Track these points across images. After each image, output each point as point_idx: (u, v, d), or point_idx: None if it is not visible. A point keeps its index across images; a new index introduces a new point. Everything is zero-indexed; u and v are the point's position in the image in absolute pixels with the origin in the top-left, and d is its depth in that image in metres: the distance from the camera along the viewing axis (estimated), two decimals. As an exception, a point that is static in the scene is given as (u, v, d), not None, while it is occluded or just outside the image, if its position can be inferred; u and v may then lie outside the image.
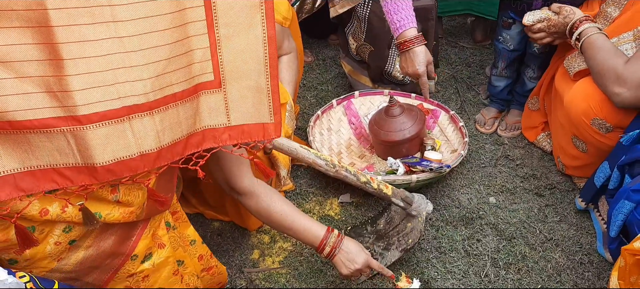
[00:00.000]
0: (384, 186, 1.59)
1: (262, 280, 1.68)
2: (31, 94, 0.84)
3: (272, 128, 1.04)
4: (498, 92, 2.30)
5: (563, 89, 1.89)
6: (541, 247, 1.78)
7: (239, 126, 1.03)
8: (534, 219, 1.89)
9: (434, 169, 1.86)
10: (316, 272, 1.70)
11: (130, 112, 0.90)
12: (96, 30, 0.85)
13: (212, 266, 1.39)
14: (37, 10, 0.81)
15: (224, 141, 1.03)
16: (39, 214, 0.95)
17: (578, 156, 1.87)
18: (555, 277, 1.68)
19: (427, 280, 1.67)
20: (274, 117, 1.04)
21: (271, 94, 1.02)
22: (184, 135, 0.99)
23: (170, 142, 0.96)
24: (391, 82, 2.33)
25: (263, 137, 1.04)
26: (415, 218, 1.61)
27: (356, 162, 2.14)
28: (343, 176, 1.53)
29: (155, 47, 0.89)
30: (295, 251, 1.77)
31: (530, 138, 2.24)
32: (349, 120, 2.27)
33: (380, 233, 1.69)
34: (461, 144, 2.08)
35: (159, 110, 0.93)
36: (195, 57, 0.95)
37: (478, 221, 1.88)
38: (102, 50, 0.86)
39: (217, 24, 0.95)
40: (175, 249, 1.23)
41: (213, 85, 0.99)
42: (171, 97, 0.94)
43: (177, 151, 0.98)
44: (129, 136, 0.91)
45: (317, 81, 2.65)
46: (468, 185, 2.03)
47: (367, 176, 1.57)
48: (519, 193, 2.00)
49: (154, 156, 0.94)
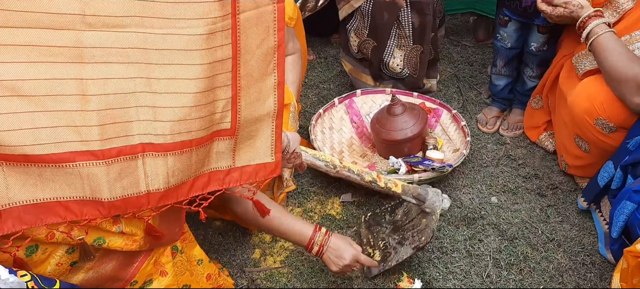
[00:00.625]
0: (392, 183, 1.54)
1: (264, 280, 1.68)
2: (52, 128, 0.86)
3: (272, 167, 1.08)
4: (499, 91, 2.30)
5: (567, 88, 1.87)
6: (543, 247, 1.78)
7: (241, 167, 1.06)
8: (536, 219, 1.88)
9: (436, 169, 1.86)
10: (318, 272, 1.70)
11: (146, 150, 0.92)
12: (128, 69, 0.88)
13: (221, 285, 1.39)
14: (75, 47, 0.84)
15: (227, 183, 1.05)
16: (46, 237, 0.95)
17: (580, 155, 1.86)
18: (557, 278, 1.68)
19: (429, 280, 1.67)
20: (275, 156, 1.07)
21: (275, 135, 1.07)
22: (192, 177, 1.00)
23: (177, 184, 0.98)
24: (390, 76, 2.32)
25: (263, 176, 1.07)
26: (429, 215, 1.54)
27: (358, 161, 2.14)
28: (345, 175, 1.49)
29: (181, 93, 0.92)
30: (297, 251, 1.77)
31: (533, 138, 2.23)
32: (351, 119, 2.26)
33: (397, 224, 1.62)
34: (463, 144, 2.07)
35: (173, 153, 0.94)
36: (217, 108, 0.98)
37: (480, 221, 1.87)
38: (128, 88, 0.88)
39: (239, 75, 0.98)
40: (182, 274, 1.22)
41: (228, 133, 1.02)
42: (188, 143, 0.96)
43: (183, 192, 1.00)
44: (140, 174, 0.92)
45: (318, 79, 2.64)
46: (470, 185, 2.02)
47: (373, 174, 1.53)
48: (521, 193, 1.99)
49: (159, 196, 0.96)
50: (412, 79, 2.30)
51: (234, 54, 0.96)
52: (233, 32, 0.94)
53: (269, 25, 0.98)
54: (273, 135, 1.06)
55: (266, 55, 1.00)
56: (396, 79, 2.34)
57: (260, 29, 0.97)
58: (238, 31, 0.95)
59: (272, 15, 0.98)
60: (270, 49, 1.00)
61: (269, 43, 1.00)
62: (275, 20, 0.99)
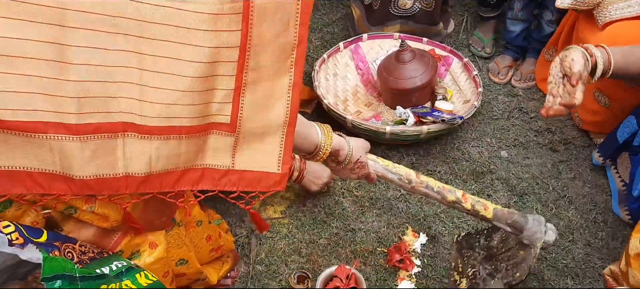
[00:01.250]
0: (481, 206, 1.28)
1: (263, 230, 1.62)
2: (23, 93, 0.77)
3: (276, 179, 0.96)
4: (513, 38, 2.17)
5: (587, 38, 1.76)
6: (554, 204, 1.71)
7: (241, 171, 0.95)
8: (547, 175, 1.81)
9: (445, 121, 1.76)
10: (319, 223, 1.64)
11: (127, 129, 0.83)
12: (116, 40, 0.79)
13: (221, 245, 1.31)
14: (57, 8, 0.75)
15: (222, 184, 0.95)
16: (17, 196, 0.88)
17: (599, 110, 1.77)
18: (567, 235, 1.62)
19: (435, 235, 1.61)
20: (282, 168, 0.96)
21: (284, 143, 0.95)
22: (181, 167, 0.91)
23: (162, 171, 0.89)
24: (400, 16, 2.17)
25: (266, 187, 0.96)
26: (527, 247, 1.27)
27: (363, 110, 2.04)
28: (422, 192, 1.27)
29: (175, 75, 0.82)
30: (298, 201, 1.70)
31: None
32: (356, 65, 2.14)
33: (491, 251, 1.37)
34: (474, 95, 1.97)
35: (158, 137, 0.85)
36: (215, 97, 0.88)
37: (489, 176, 1.80)
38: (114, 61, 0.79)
39: (247, 67, 0.88)
40: (179, 247, 1.13)
41: (227, 128, 0.92)
42: (177, 129, 0.86)
43: (168, 182, 0.90)
44: (118, 154, 0.84)
45: (322, 22, 2.50)
46: (479, 138, 1.94)
47: (458, 193, 1.27)
48: (532, 147, 1.91)
49: (139, 180, 0.87)
50: (426, 13, 2.15)
51: (243, 43, 0.85)
52: (244, 18, 0.83)
53: (290, 17, 0.87)
54: (282, 143, 0.95)
55: (283, 51, 0.89)
56: (406, 18, 2.18)
57: (279, 20, 0.86)
58: (251, 18, 0.84)
59: (295, 7, 0.87)
60: (289, 45, 0.89)
61: (288, 38, 0.88)
62: (298, 13, 0.87)
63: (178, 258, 1.13)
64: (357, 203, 1.70)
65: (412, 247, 1.57)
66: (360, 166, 1.23)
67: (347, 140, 1.21)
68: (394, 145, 1.87)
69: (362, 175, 1.26)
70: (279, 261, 1.54)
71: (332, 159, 1.19)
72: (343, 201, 1.70)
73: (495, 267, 1.34)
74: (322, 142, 1.13)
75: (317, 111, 2.01)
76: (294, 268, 1.52)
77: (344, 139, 1.20)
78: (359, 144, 1.24)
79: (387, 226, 1.63)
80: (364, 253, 1.56)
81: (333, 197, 1.71)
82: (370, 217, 1.66)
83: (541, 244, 1.25)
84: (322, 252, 1.56)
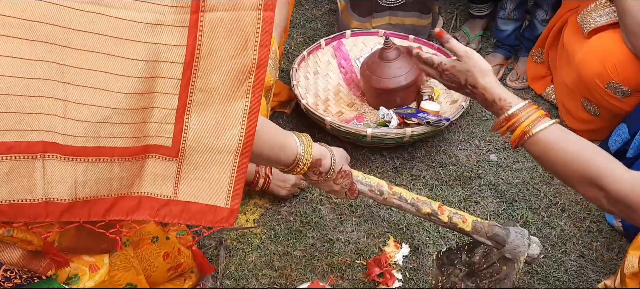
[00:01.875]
0: (459, 218, 1.19)
1: (234, 240, 1.51)
2: None
3: (225, 214, 0.87)
4: (505, 37, 2.07)
5: (573, 46, 1.68)
6: (545, 212, 1.61)
7: (184, 202, 0.85)
8: (538, 180, 1.70)
9: (431, 122, 1.65)
10: (294, 233, 1.53)
11: (47, 149, 0.73)
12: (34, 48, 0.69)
13: (181, 263, 1.18)
14: None
15: (162, 215, 0.84)
16: None
17: (589, 119, 1.69)
18: (559, 246, 1.52)
19: (418, 246, 1.50)
20: (231, 202, 0.86)
21: (235, 175, 0.85)
22: (113, 195, 0.80)
23: (90, 197, 0.78)
24: (388, 6, 2.05)
25: (211, 222, 0.86)
26: (510, 262, 1.18)
27: (345, 111, 1.93)
28: (395, 204, 1.17)
29: (105, 90, 0.72)
30: (273, 209, 1.59)
31: (538, 90, 2.03)
32: (339, 63, 2.03)
33: (473, 266, 1.28)
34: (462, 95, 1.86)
35: (85, 159, 0.75)
36: (153, 116, 0.78)
37: (477, 181, 1.69)
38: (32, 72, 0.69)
39: (193, 86, 0.78)
40: (126, 270, 1.01)
41: (168, 152, 0.81)
42: (108, 151, 0.76)
43: (98, 210, 0.80)
44: (37, 177, 0.74)
45: (305, 17, 2.38)
46: (467, 140, 1.83)
47: (434, 205, 1.18)
48: (523, 151, 1.80)
49: (62, 208, 0.76)
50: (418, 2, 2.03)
51: (188, 60, 0.75)
52: (191, 32, 0.74)
53: (249, 36, 0.78)
54: (234, 174, 0.85)
55: (239, 74, 0.80)
56: (395, 8, 2.07)
57: (235, 38, 0.78)
58: (200, 33, 0.75)
59: (255, 26, 0.78)
60: (246, 67, 0.80)
61: (245, 59, 0.79)
62: (258, 32, 0.79)
63: (126, 282, 1.01)
64: (336, 211, 1.59)
65: (394, 259, 1.46)
66: (343, 175, 1.12)
67: (329, 149, 1.10)
68: (376, 148, 1.76)
69: (345, 186, 1.14)
70: (250, 275, 1.43)
71: (313, 172, 1.07)
72: (321, 209, 1.59)
73: (477, 283, 1.25)
74: (302, 153, 1.02)
75: (296, 111, 1.90)
76: (265, 283, 1.41)
77: (326, 148, 1.09)
78: (341, 152, 1.14)
79: (367, 236, 1.52)
80: (342, 266, 1.45)
81: (310, 204, 1.60)
82: (349, 226, 1.55)
83: (524, 258, 1.15)
84: (297, 265, 1.45)
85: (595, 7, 1.62)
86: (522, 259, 1.15)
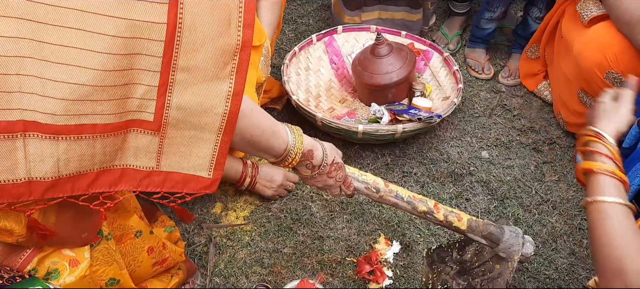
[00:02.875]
0: (454, 217, 1.18)
1: (224, 237, 1.49)
2: None
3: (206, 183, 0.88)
4: (486, 35, 2.07)
5: (572, 36, 1.67)
6: (536, 209, 1.60)
7: (167, 172, 0.86)
8: (529, 177, 1.70)
9: (422, 119, 1.64)
10: (284, 230, 1.51)
11: (28, 128, 0.72)
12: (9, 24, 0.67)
13: (167, 258, 1.16)
14: None
15: (145, 185, 0.85)
16: None
17: (584, 112, 1.67)
18: (550, 243, 1.51)
19: (409, 243, 1.49)
20: (213, 173, 0.88)
21: (218, 150, 0.86)
22: (95, 169, 0.80)
23: (73, 174, 0.78)
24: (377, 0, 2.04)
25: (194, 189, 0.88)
26: (504, 260, 1.18)
27: (336, 107, 1.91)
28: (391, 202, 1.16)
29: (83, 67, 0.71)
30: (263, 206, 1.57)
31: (530, 87, 2.02)
32: (330, 59, 2.01)
33: (465, 265, 1.28)
34: (454, 91, 1.85)
35: (67, 137, 0.74)
36: (135, 92, 0.77)
37: (468, 178, 1.69)
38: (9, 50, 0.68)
39: (175, 65, 0.77)
40: (108, 265, 0.99)
41: (150, 126, 0.81)
42: (89, 128, 0.76)
43: (81, 185, 0.80)
44: (18, 157, 0.73)
45: (296, 13, 2.36)
46: (459, 137, 1.82)
47: (429, 203, 1.17)
48: (515, 148, 1.80)
49: (45, 186, 0.76)
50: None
51: (169, 37, 0.75)
52: (171, 9, 0.73)
53: (231, 15, 0.78)
54: (216, 150, 0.86)
55: (222, 54, 0.80)
56: (385, 2, 2.05)
57: (217, 18, 0.77)
58: (181, 10, 0.74)
59: (237, 4, 0.78)
60: (230, 48, 0.80)
61: (229, 40, 0.79)
62: (241, 11, 0.79)
63: (108, 277, 0.99)
64: (327, 208, 1.58)
65: (384, 256, 1.45)
66: (336, 167, 1.10)
67: (320, 142, 1.09)
68: (367, 145, 1.75)
69: (340, 179, 1.13)
70: (239, 272, 1.41)
71: (306, 165, 1.06)
72: (311, 206, 1.58)
73: (469, 282, 1.24)
74: (292, 143, 1.01)
75: (287, 108, 1.88)
76: (254, 281, 1.39)
77: (316, 141, 1.08)
78: (332, 146, 1.13)
79: (357, 233, 1.51)
80: (332, 263, 1.44)
81: (301, 201, 1.59)
82: (340, 223, 1.54)
83: (518, 257, 1.15)
84: (287, 262, 1.44)
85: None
86: (516, 258, 1.15)
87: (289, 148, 1.01)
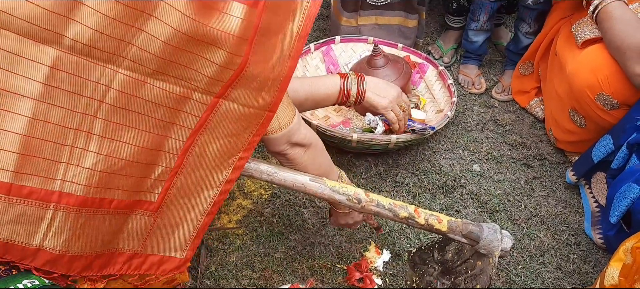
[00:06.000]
0: (434, 220, 1.21)
1: (215, 240, 1.50)
2: None
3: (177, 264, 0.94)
4: (477, 48, 2.10)
5: (566, 56, 1.70)
6: (525, 223, 1.63)
7: (146, 254, 0.91)
8: (519, 191, 1.73)
9: (416, 130, 1.67)
10: (276, 235, 1.52)
11: (61, 201, 0.75)
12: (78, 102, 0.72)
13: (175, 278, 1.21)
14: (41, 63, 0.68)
15: (124, 269, 0.89)
16: None
17: (574, 130, 1.70)
18: (538, 257, 1.54)
19: (399, 252, 1.51)
20: (186, 253, 0.94)
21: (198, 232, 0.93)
22: (93, 253, 0.83)
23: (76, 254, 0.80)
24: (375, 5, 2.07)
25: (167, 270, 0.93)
26: (485, 257, 1.22)
27: (332, 116, 1.94)
28: (373, 211, 1.19)
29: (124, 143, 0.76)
30: (256, 210, 1.59)
31: (522, 103, 2.05)
32: (327, 68, 2.04)
33: (447, 264, 1.30)
34: (448, 104, 1.88)
35: (87, 211, 0.77)
36: (152, 173, 0.82)
37: (459, 190, 1.71)
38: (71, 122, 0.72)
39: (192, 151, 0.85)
40: None
41: (150, 207, 0.86)
42: (107, 202, 0.79)
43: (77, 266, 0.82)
44: (42, 226, 0.75)
45: (295, 21, 2.39)
46: (451, 149, 1.85)
47: (410, 208, 1.19)
48: (506, 162, 1.83)
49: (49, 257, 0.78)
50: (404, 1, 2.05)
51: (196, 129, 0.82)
52: (209, 108, 0.83)
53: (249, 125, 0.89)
54: (195, 231, 0.93)
55: (230, 149, 0.89)
56: (382, 7, 2.08)
57: (237, 125, 0.88)
58: (213, 114, 0.83)
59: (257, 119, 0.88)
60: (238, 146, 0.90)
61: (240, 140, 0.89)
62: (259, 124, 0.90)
63: None
64: (319, 215, 1.59)
65: (374, 264, 1.47)
66: None
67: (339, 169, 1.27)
68: (361, 154, 1.77)
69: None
70: (230, 275, 1.42)
71: None
72: (304, 212, 1.59)
73: (453, 280, 1.27)
74: None
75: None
76: (245, 284, 1.40)
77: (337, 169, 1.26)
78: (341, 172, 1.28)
79: (348, 241, 1.53)
80: (322, 269, 1.45)
81: (293, 207, 1.60)
82: (331, 230, 1.55)
83: (499, 252, 1.18)
84: (278, 267, 1.45)
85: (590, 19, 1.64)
86: (497, 253, 1.19)
87: None
